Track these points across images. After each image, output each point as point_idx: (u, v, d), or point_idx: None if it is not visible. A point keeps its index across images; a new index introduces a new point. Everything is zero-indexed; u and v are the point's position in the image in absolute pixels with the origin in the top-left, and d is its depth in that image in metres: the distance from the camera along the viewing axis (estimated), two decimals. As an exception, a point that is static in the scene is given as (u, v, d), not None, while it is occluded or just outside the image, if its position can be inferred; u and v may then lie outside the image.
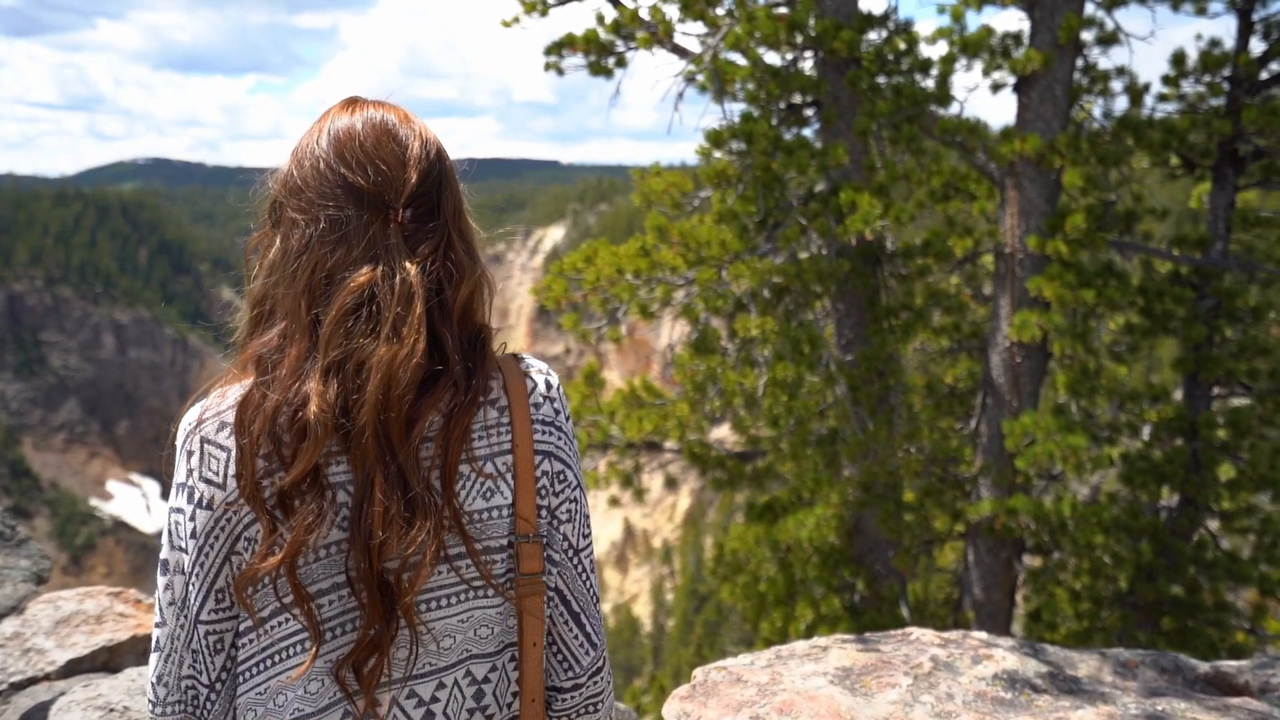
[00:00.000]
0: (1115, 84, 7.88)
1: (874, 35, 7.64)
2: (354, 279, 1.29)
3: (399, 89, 1.47)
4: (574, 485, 1.42)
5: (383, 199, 1.33)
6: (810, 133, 7.87)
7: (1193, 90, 7.98)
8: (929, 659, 2.98)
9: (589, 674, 1.44)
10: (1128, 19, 45.68)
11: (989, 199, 7.85)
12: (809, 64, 7.74)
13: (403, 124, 1.38)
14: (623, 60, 8.07)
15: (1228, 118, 7.48)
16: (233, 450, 1.29)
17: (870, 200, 6.79)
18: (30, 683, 3.17)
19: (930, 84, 7.53)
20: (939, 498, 7.95)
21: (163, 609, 1.35)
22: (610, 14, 7.91)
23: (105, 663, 3.37)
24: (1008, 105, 7.59)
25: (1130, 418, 8.08)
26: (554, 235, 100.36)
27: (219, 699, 1.35)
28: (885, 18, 7.67)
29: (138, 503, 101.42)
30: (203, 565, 1.30)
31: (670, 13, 7.73)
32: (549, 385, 1.43)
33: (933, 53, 9.82)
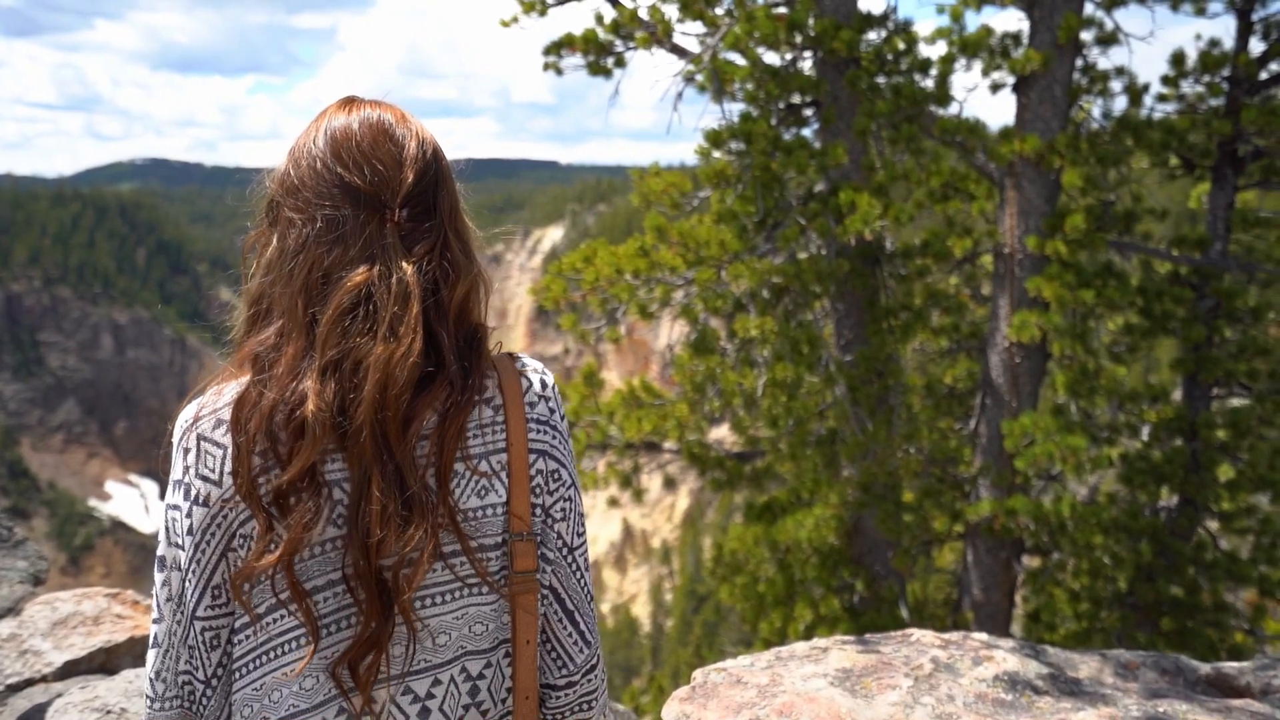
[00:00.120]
0: (1115, 84, 7.88)
1: (873, 35, 7.63)
2: (350, 278, 1.30)
3: (398, 89, 1.48)
4: (568, 484, 1.43)
5: (379, 199, 1.34)
6: (809, 133, 7.86)
7: (1192, 90, 7.98)
8: (929, 660, 2.97)
9: (583, 672, 1.45)
10: (1127, 19, 45.71)
11: (988, 199, 7.84)
12: (808, 64, 7.73)
13: (399, 124, 1.39)
14: (622, 60, 8.06)
15: (1227, 118, 7.47)
16: (229, 447, 1.29)
17: (869, 200, 6.79)
18: (27, 684, 3.16)
19: (929, 84, 7.53)
20: (938, 498, 7.94)
21: (160, 605, 1.36)
22: (609, 14, 7.90)
23: (102, 664, 3.36)
24: (1007, 105, 7.60)
25: (1129, 418, 8.08)
26: (553, 235, 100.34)
27: (215, 695, 1.35)
28: (884, 17, 7.66)
29: (136, 503, 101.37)
30: (199, 562, 1.31)
31: (669, 12, 7.72)
32: (544, 384, 1.44)
33: (932, 53, 9.81)
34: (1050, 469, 7.81)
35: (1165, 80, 8.08)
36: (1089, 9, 7.47)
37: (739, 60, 7.48)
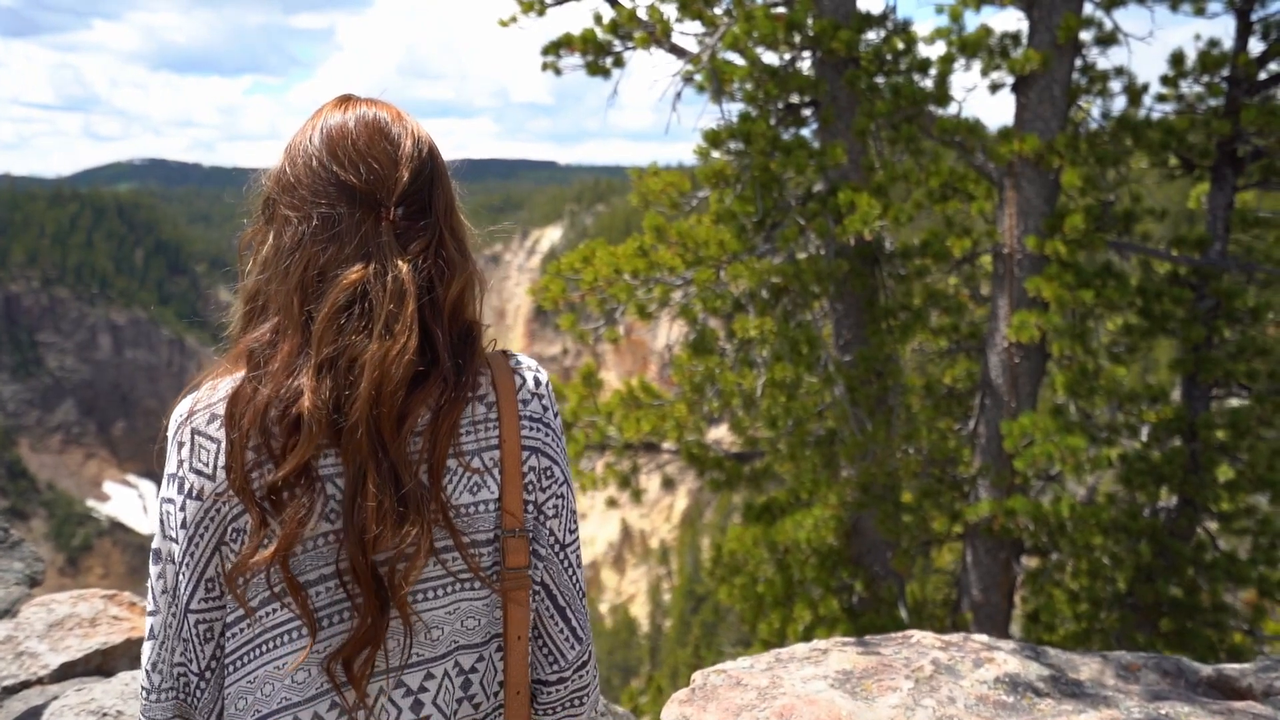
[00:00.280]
0: (1114, 84, 7.87)
1: (872, 35, 7.62)
2: (346, 276, 1.30)
3: (397, 90, 1.48)
4: (561, 481, 1.44)
5: (375, 197, 1.35)
6: (808, 133, 7.84)
7: (1191, 90, 7.97)
8: (930, 662, 2.96)
9: (574, 668, 1.46)
10: (1126, 19, 45.78)
11: (987, 199, 7.84)
12: (807, 64, 7.72)
13: (395, 122, 1.39)
14: (620, 60, 8.04)
15: (1226, 118, 7.47)
16: (223, 442, 1.30)
17: (869, 200, 6.77)
18: (23, 687, 3.14)
19: (929, 84, 7.52)
20: (937, 498, 7.93)
21: (155, 597, 1.37)
22: (608, 14, 7.89)
23: (99, 666, 3.34)
24: (1006, 105, 7.59)
25: (1129, 419, 8.07)
26: (551, 236, 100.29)
27: (209, 687, 1.36)
28: (883, 17, 7.65)
29: (134, 504, 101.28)
30: (192, 555, 1.32)
31: (668, 12, 7.71)
32: (538, 382, 1.44)
33: (931, 52, 9.79)
34: (1049, 469, 7.80)
35: (1164, 80, 8.07)
36: (1088, 9, 7.47)
37: (738, 60, 7.47)
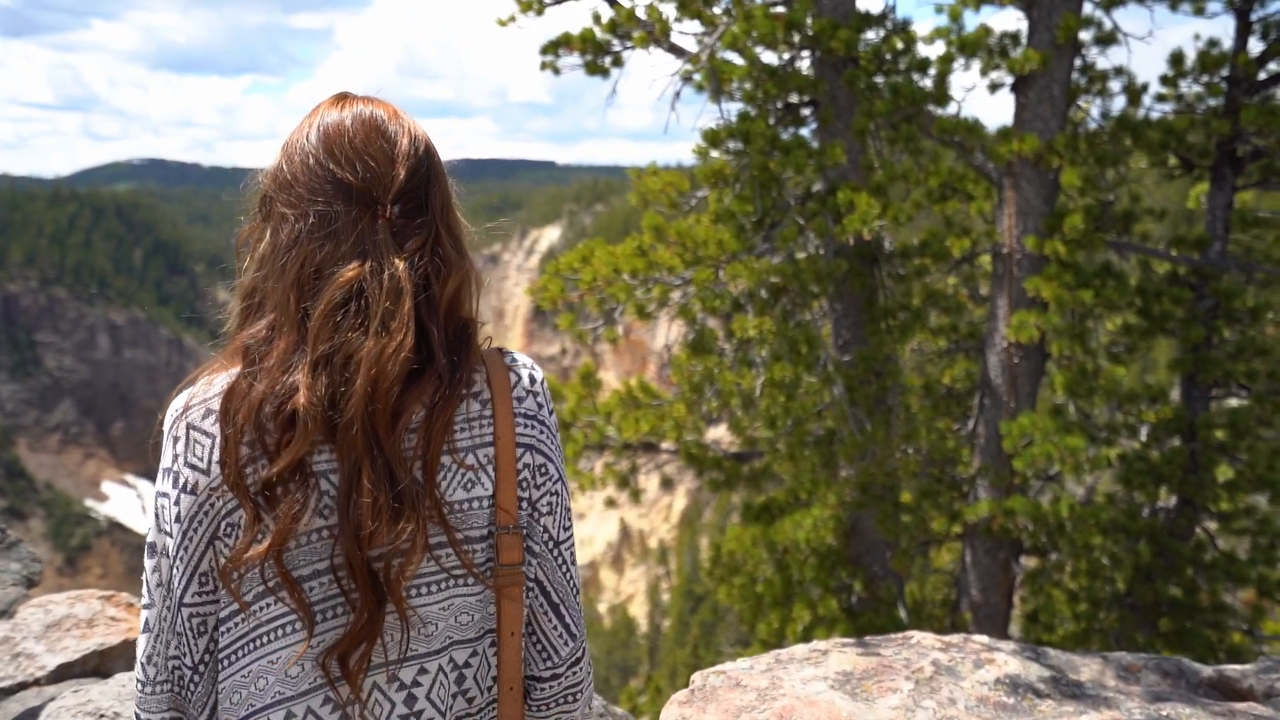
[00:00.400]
0: (1113, 84, 7.86)
1: (871, 34, 7.60)
2: (342, 274, 1.31)
3: (396, 90, 1.49)
4: (555, 478, 1.45)
5: (371, 195, 1.35)
6: (808, 132, 7.83)
7: (1191, 90, 7.96)
8: (930, 663, 2.95)
9: (568, 664, 1.46)
10: (1126, 19, 45.76)
11: (987, 199, 7.83)
12: (806, 63, 7.71)
13: (391, 120, 1.40)
14: (619, 60, 8.03)
15: (1226, 118, 7.46)
16: (217, 437, 1.31)
17: (868, 200, 6.76)
18: (20, 688, 3.13)
19: (928, 83, 7.50)
20: (936, 499, 7.92)
21: (150, 590, 1.38)
22: (607, 13, 7.87)
23: (96, 667, 3.33)
24: (1005, 105, 7.58)
25: (1128, 419, 8.06)
26: (550, 235, 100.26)
27: (202, 680, 1.36)
28: (883, 17, 7.64)
29: (133, 504, 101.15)
30: (186, 549, 1.32)
31: (667, 12, 7.69)
32: (533, 380, 1.45)
33: (930, 52, 9.78)
34: (1049, 469, 7.79)
35: (1164, 80, 8.07)
36: (1088, 8, 7.46)
37: (737, 60, 7.46)
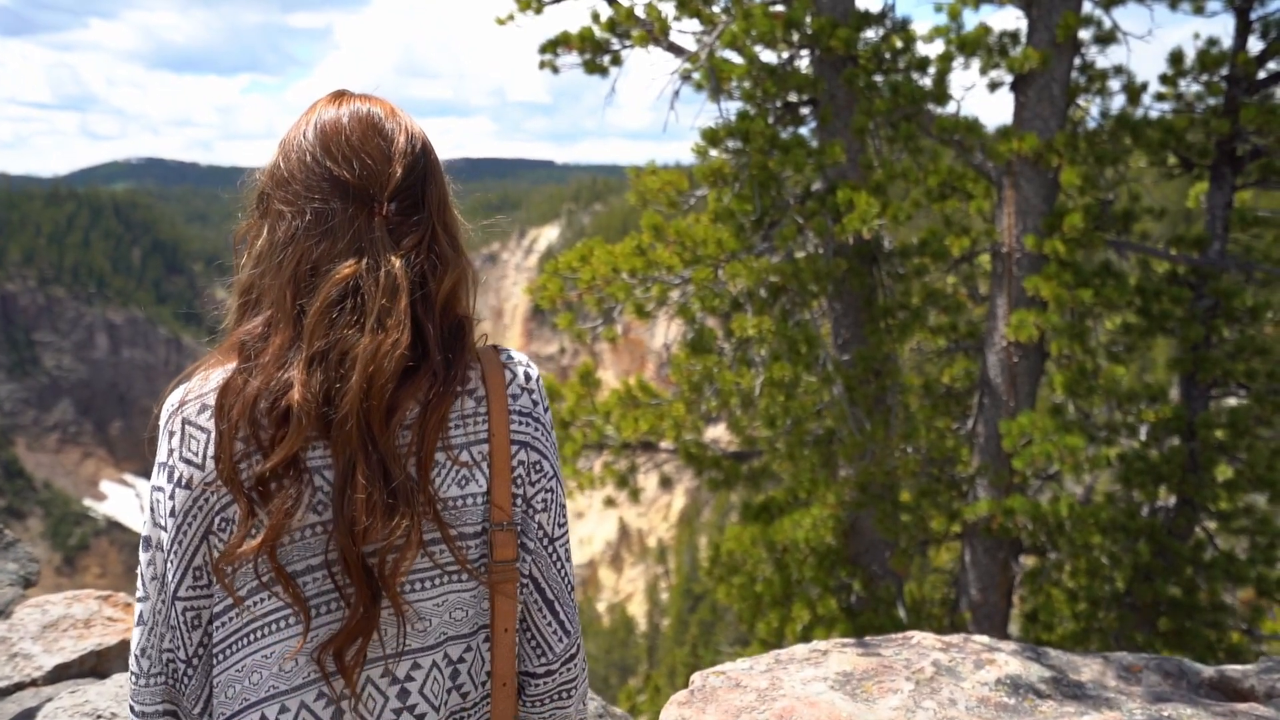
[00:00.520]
0: (1113, 83, 7.86)
1: (871, 33, 7.59)
2: (339, 271, 1.31)
3: (394, 89, 1.49)
4: (550, 475, 1.45)
5: (368, 192, 1.35)
6: (807, 131, 7.82)
7: (1190, 89, 7.96)
8: (930, 664, 2.94)
9: (562, 661, 1.47)
10: (1125, 18, 45.63)
11: (986, 198, 7.82)
12: (805, 62, 7.70)
13: (388, 117, 1.40)
14: (618, 58, 8.01)
15: (1225, 117, 7.45)
16: (212, 432, 1.31)
17: (867, 199, 6.75)
18: (16, 689, 3.12)
19: (927, 82, 7.50)
20: (936, 498, 7.92)
21: (145, 583, 1.38)
22: (606, 11, 7.86)
23: (93, 668, 3.32)
24: (1005, 104, 7.57)
25: (1128, 418, 8.05)
26: (549, 235, 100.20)
27: (196, 674, 1.37)
28: (882, 16, 7.63)
29: (131, 503, 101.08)
30: (180, 543, 1.33)
31: (666, 10, 7.68)
32: (528, 377, 1.45)
33: (930, 51, 9.74)
34: (1048, 469, 7.79)
35: (1163, 79, 8.06)
36: (1087, 7, 7.45)
37: (736, 58, 7.44)
